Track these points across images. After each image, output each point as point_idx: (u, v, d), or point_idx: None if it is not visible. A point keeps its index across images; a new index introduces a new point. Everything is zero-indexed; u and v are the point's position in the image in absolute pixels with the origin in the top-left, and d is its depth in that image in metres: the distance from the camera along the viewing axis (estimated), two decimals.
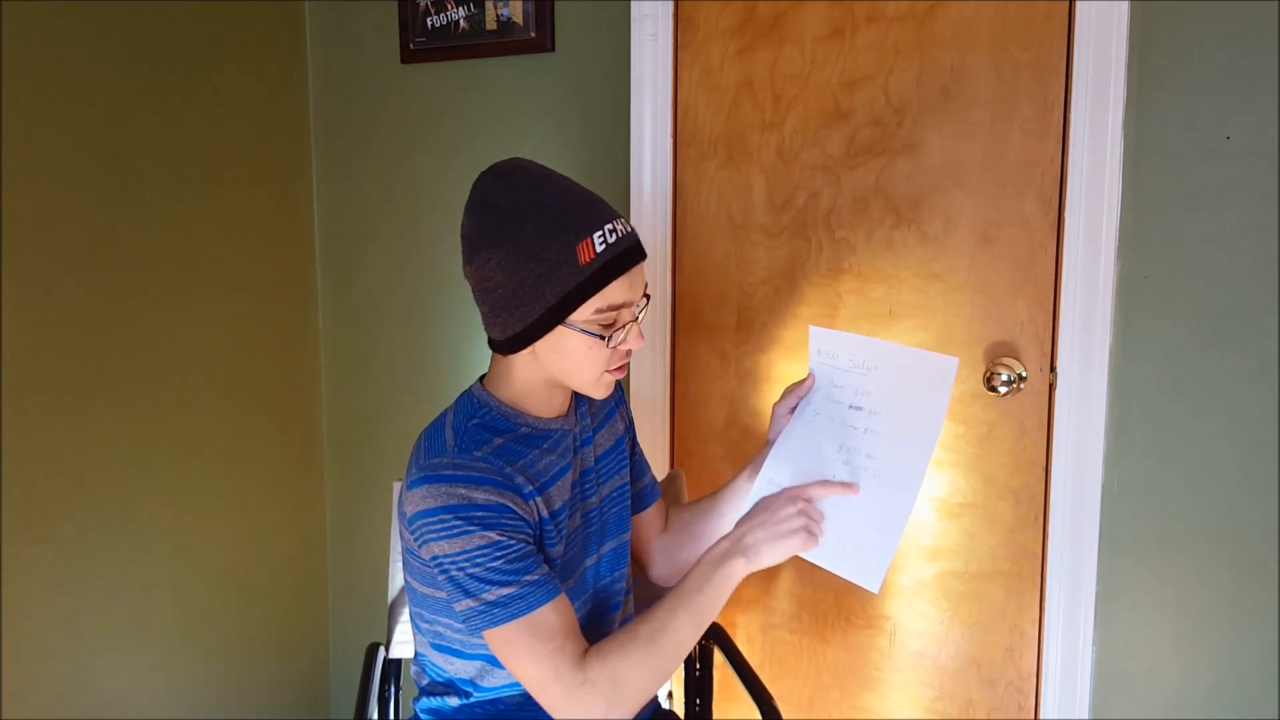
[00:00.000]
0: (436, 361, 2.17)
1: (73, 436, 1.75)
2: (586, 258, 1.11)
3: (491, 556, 1.11)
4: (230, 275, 2.04)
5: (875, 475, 1.19)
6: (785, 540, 1.16)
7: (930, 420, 1.17)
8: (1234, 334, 1.56)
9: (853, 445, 1.22)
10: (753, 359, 1.92)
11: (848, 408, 1.24)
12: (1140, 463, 1.64)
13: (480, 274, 1.15)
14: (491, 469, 1.14)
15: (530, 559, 1.13)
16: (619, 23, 1.91)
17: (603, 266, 1.12)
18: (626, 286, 1.14)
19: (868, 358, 1.23)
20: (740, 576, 1.15)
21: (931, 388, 1.17)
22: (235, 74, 2.03)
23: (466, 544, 1.11)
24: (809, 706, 1.95)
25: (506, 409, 1.21)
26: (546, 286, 1.12)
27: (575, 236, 1.11)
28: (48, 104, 1.68)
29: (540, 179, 1.15)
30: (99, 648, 1.81)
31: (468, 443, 1.16)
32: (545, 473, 1.20)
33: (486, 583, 1.11)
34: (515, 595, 1.11)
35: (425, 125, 2.12)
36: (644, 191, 1.93)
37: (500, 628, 1.12)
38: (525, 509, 1.15)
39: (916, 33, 1.72)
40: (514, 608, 1.11)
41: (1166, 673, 1.66)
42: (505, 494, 1.13)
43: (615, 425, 1.36)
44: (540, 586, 1.12)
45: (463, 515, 1.11)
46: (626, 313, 1.16)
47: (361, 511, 2.30)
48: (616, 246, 1.13)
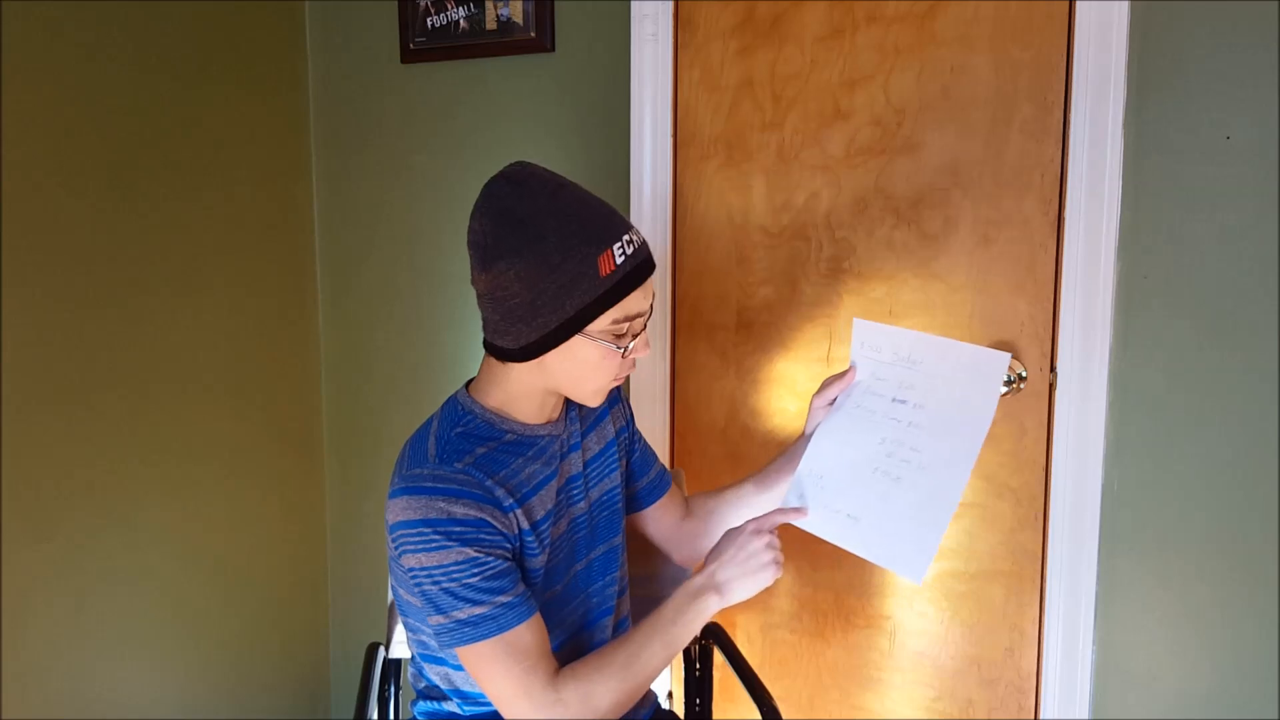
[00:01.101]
0: (436, 362, 2.17)
1: (73, 436, 1.75)
2: (607, 269, 1.12)
3: (468, 572, 1.11)
4: (230, 275, 2.04)
5: (920, 468, 1.19)
6: (756, 576, 1.18)
7: (980, 415, 1.18)
8: (1234, 334, 1.56)
9: (896, 438, 1.22)
10: (753, 359, 1.92)
11: (890, 400, 1.24)
12: (1140, 463, 1.64)
13: (496, 283, 1.13)
14: (472, 481, 1.14)
15: (506, 577, 1.13)
16: (619, 23, 1.91)
17: (623, 278, 1.13)
18: (642, 297, 1.16)
19: (914, 351, 1.23)
20: (713, 612, 1.18)
21: (981, 382, 1.18)
22: (235, 74, 2.03)
23: (443, 559, 1.11)
24: (809, 706, 1.95)
25: (491, 416, 1.20)
26: (567, 298, 1.12)
27: (596, 248, 1.11)
28: (48, 104, 1.68)
29: (556, 187, 1.15)
30: (99, 648, 1.81)
31: (449, 453, 1.16)
32: (528, 482, 1.19)
33: (460, 599, 1.12)
34: (487, 615, 1.12)
35: (425, 125, 2.12)
36: (644, 192, 1.93)
37: (470, 645, 1.13)
38: (504, 522, 1.14)
39: (916, 33, 1.72)
40: (485, 628, 1.12)
41: (1166, 673, 1.66)
42: (484, 508, 1.13)
43: (605, 428, 1.35)
44: (513, 608, 1.13)
45: (441, 529, 1.11)
46: (639, 322, 1.17)
47: (361, 511, 2.30)
48: (635, 258, 1.14)
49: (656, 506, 1.43)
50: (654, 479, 1.43)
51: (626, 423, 1.41)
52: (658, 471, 1.44)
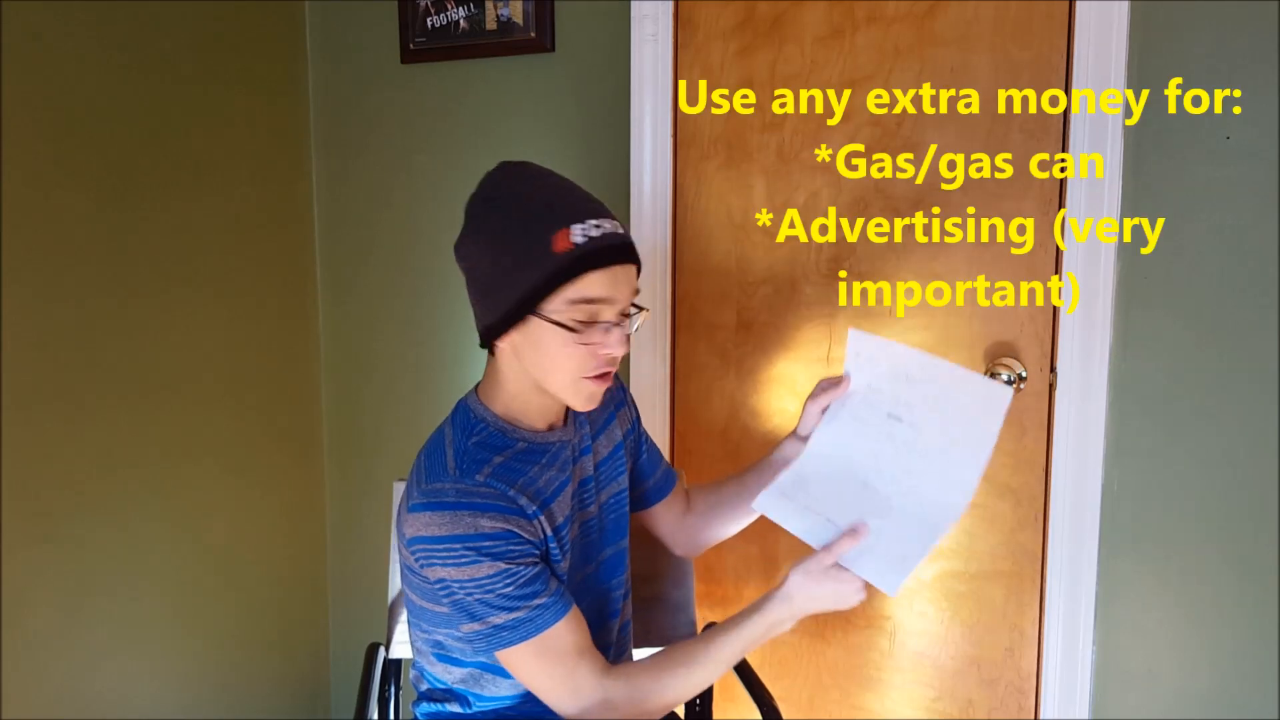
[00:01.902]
0: (436, 362, 2.17)
1: (73, 436, 1.75)
2: (563, 246, 1.08)
3: (501, 583, 1.10)
4: (230, 275, 2.04)
5: (911, 491, 1.16)
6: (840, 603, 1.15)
7: (979, 448, 1.13)
8: (1234, 333, 1.56)
9: (889, 455, 1.19)
10: (753, 359, 1.92)
11: (885, 415, 1.20)
12: (1140, 463, 1.64)
13: (464, 261, 1.16)
14: (495, 493, 1.13)
15: (538, 581, 1.12)
16: (619, 23, 1.91)
17: (580, 257, 1.08)
18: (607, 282, 1.10)
19: (912, 370, 1.18)
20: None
21: (982, 415, 1.13)
22: (235, 74, 2.03)
23: (475, 572, 1.10)
24: (809, 706, 1.95)
25: (503, 424, 1.19)
26: (519, 272, 1.09)
27: (555, 225, 1.08)
28: (48, 104, 1.68)
29: (542, 174, 1.14)
30: (99, 648, 1.81)
31: (469, 465, 1.14)
32: (546, 489, 1.18)
33: (494, 608, 1.11)
34: (523, 619, 1.11)
35: (425, 125, 2.12)
36: (644, 191, 1.93)
37: (509, 649, 1.12)
38: (530, 530, 1.14)
39: (916, 33, 1.72)
40: (522, 631, 1.11)
41: (1166, 673, 1.66)
42: (510, 519, 1.12)
43: (614, 431, 1.35)
44: (548, 608, 1.12)
45: (471, 545, 1.09)
46: (606, 311, 1.12)
47: (361, 511, 2.30)
48: (602, 240, 1.09)
49: (663, 503, 1.44)
50: (661, 477, 1.44)
51: (633, 424, 1.40)
52: (665, 469, 1.45)
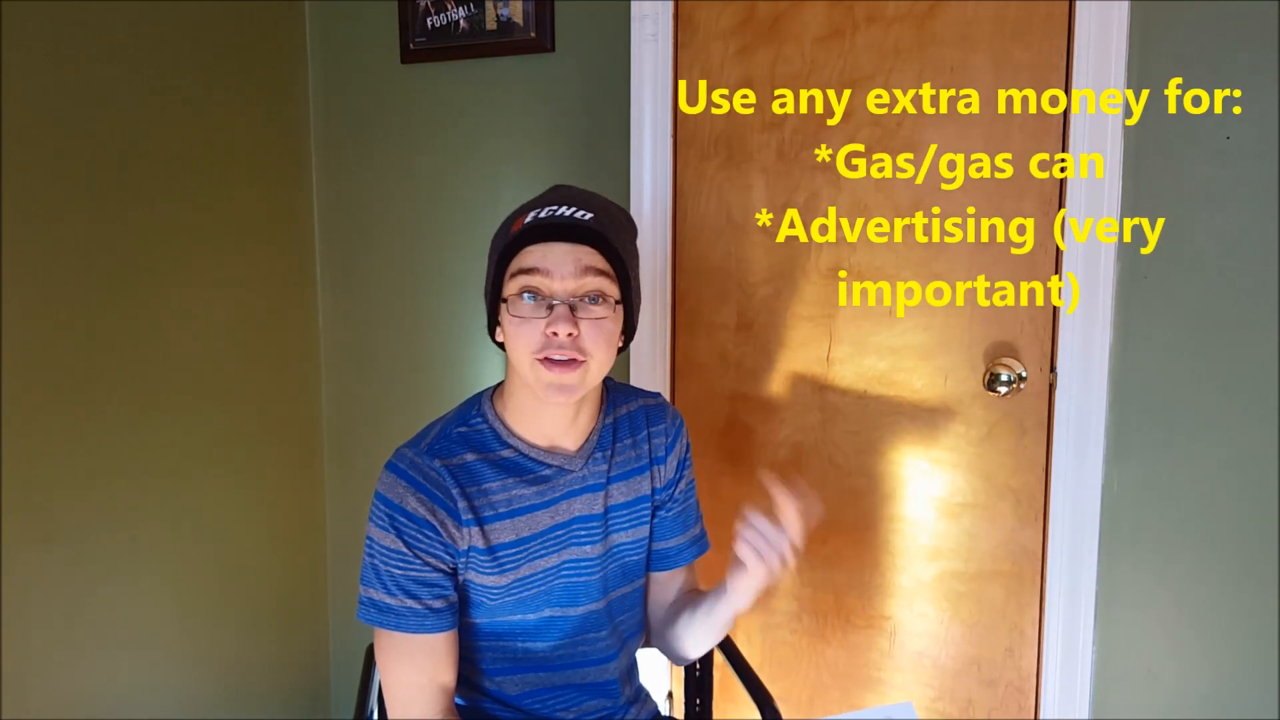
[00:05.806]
0: (436, 361, 2.17)
1: (72, 436, 1.75)
2: (516, 228, 1.12)
3: (394, 563, 1.13)
4: (230, 275, 2.04)
5: None
6: None
7: None
8: (1234, 334, 1.56)
9: None
10: (753, 359, 1.92)
11: None
12: (1140, 463, 1.64)
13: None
14: (439, 482, 1.14)
15: (428, 588, 1.13)
16: (619, 23, 1.91)
17: (525, 231, 1.11)
18: (541, 254, 1.09)
19: None
20: None
21: None
22: (235, 74, 2.03)
23: (383, 539, 1.14)
24: (809, 706, 1.95)
25: (500, 426, 1.19)
26: (489, 264, 1.15)
27: (523, 214, 1.13)
28: (48, 104, 1.68)
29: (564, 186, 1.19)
30: (99, 648, 1.81)
31: (439, 447, 1.17)
32: (506, 504, 1.16)
33: (378, 580, 1.14)
34: (390, 608, 1.13)
35: (425, 125, 2.12)
36: (644, 191, 1.93)
37: (374, 627, 1.15)
38: (452, 534, 1.14)
39: (916, 33, 1.72)
40: (385, 619, 1.13)
41: (1166, 673, 1.66)
42: (438, 512, 1.13)
43: (639, 483, 1.26)
44: (418, 616, 1.13)
45: (391, 513, 1.14)
46: (545, 283, 1.08)
47: (361, 511, 2.27)
48: (552, 218, 1.10)
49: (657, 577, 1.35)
50: (673, 549, 1.33)
51: (667, 484, 1.30)
52: (682, 545, 1.33)
